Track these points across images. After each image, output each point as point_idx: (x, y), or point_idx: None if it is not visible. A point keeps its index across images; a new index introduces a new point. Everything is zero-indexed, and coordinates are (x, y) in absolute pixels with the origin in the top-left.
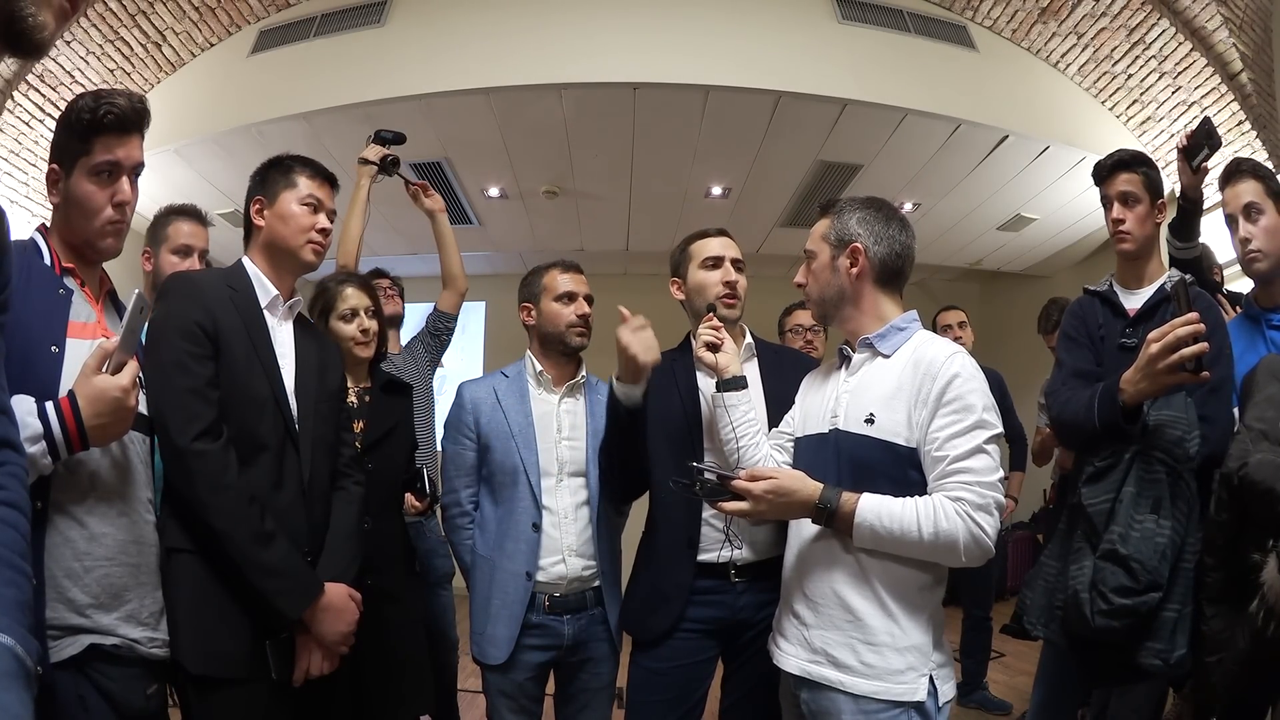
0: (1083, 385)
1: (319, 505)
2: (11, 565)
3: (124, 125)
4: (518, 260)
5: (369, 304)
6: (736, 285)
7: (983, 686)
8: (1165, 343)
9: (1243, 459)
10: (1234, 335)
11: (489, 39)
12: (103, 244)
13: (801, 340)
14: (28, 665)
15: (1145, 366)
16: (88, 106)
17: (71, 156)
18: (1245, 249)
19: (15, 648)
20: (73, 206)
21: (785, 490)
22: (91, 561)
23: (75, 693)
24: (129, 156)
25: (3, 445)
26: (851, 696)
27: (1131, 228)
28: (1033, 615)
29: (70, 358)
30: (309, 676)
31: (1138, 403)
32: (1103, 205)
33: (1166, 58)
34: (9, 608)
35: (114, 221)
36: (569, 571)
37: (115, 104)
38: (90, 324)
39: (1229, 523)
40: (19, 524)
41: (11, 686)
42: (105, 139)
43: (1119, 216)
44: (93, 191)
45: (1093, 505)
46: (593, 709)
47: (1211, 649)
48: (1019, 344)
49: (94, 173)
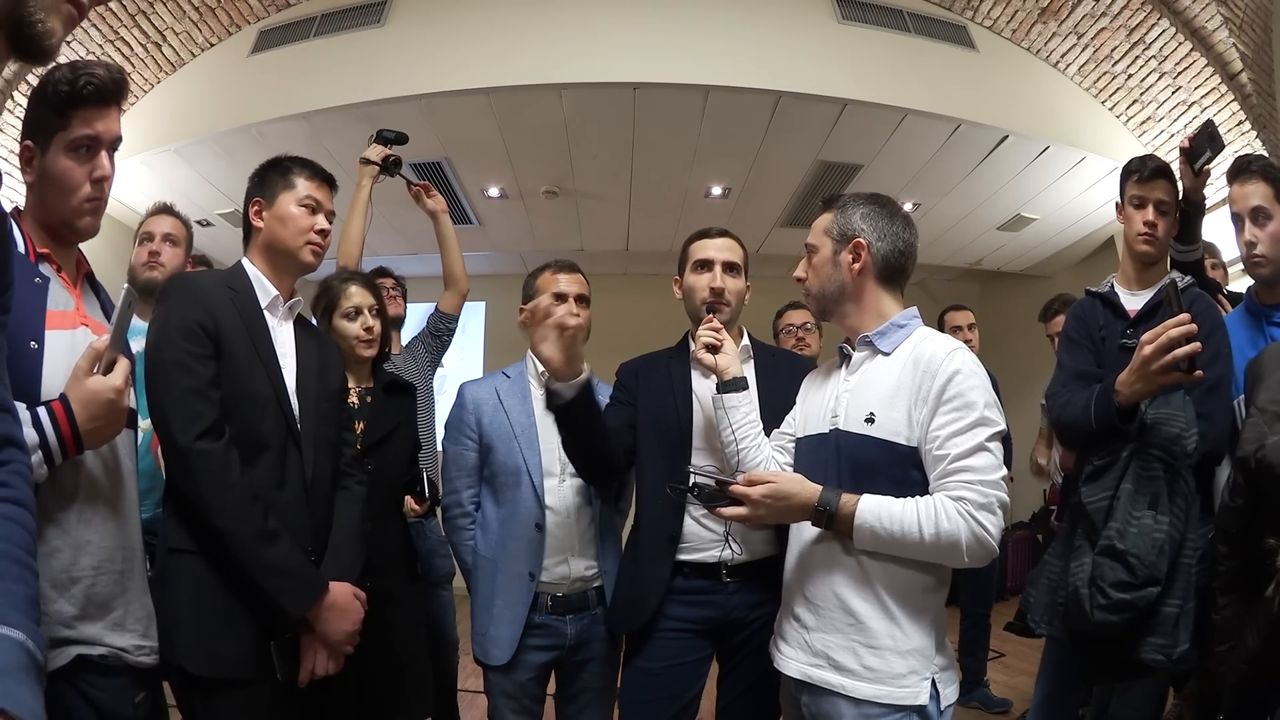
0: (1082, 387)
1: (322, 505)
2: (19, 562)
3: (103, 97)
4: (518, 260)
5: (373, 303)
6: (723, 292)
7: (983, 685)
8: (1158, 344)
9: (1259, 441)
10: (1235, 331)
11: (489, 39)
12: (81, 223)
13: (794, 340)
14: (38, 660)
15: (1139, 368)
16: (65, 78)
17: (48, 132)
18: (1250, 252)
19: (26, 642)
20: (49, 184)
21: (783, 494)
22: (78, 572)
23: (62, 704)
24: (108, 130)
25: (7, 443)
26: (853, 700)
27: (1162, 234)
28: (1036, 613)
29: (51, 352)
30: (314, 677)
31: (1133, 403)
32: (1129, 204)
33: (1166, 58)
34: (18, 603)
35: (92, 199)
36: (571, 571)
37: (94, 75)
38: (69, 312)
39: (1243, 508)
40: (25, 521)
41: (24, 680)
42: (84, 112)
43: (1154, 220)
44: (70, 168)
45: (1091, 503)
46: (594, 709)
47: (1222, 638)
48: (1019, 344)
49: (72, 148)
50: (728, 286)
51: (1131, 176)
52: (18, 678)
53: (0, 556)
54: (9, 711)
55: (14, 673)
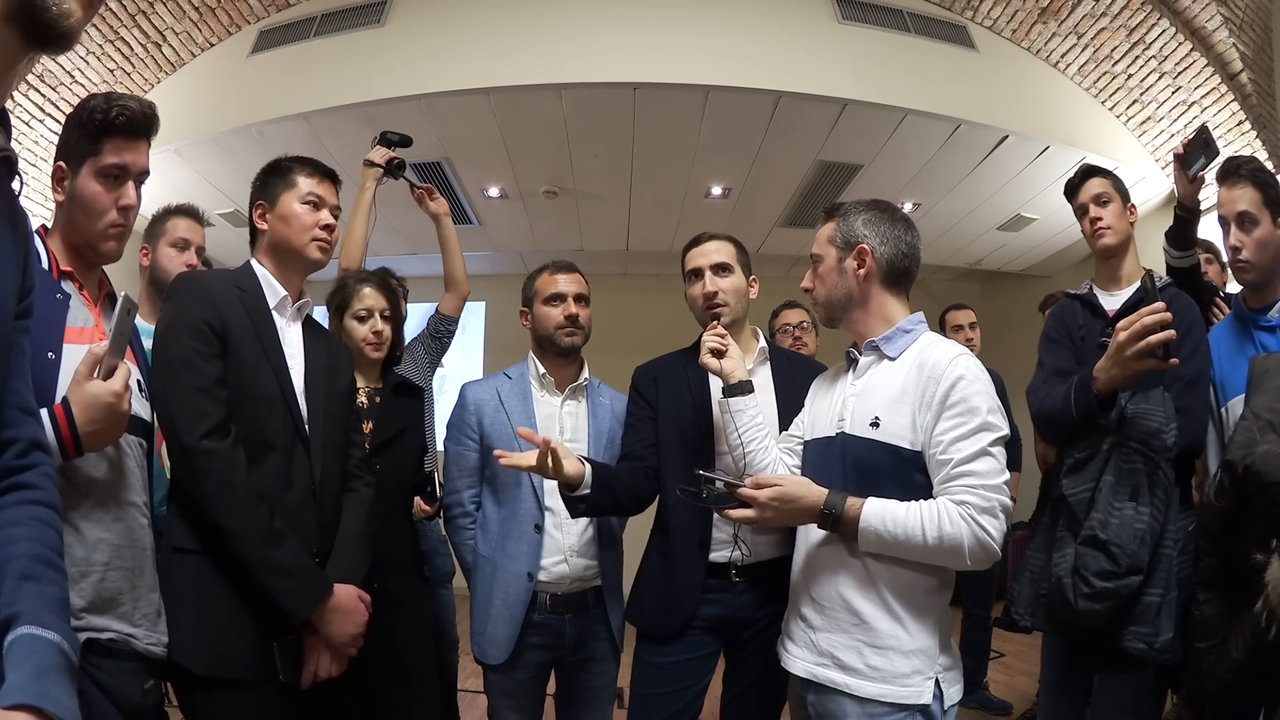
0: (1061, 382)
1: (330, 506)
2: (51, 564)
3: (134, 129)
4: (518, 260)
5: (384, 306)
6: (716, 296)
7: (983, 686)
8: (1133, 330)
9: (1249, 448)
10: (1224, 337)
11: (489, 39)
12: (104, 246)
13: (791, 339)
14: (71, 660)
15: (1115, 354)
16: (100, 107)
17: (80, 155)
18: (1235, 257)
19: (61, 643)
20: (77, 206)
21: (790, 497)
22: (88, 567)
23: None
24: (136, 162)
25: (34, 447)
26: (857, 699)
27: (1110, 221)
28: (1020, 606)
29: (67, 364)
30: (317, 679)
31: (1111, 390)
32: (1077, 215)
33: (1166, 58)
34: (53, 605)
35: (117, 225)
36: (571, 571)
37: (127, 107)
38: (88, 329)
39: (1226, 509)
40: (55, 523)
41: (60, 680)
42: (115, 141)
43: (1096, 215)
44: (99, 193)
45: (1073, 495)
46: (594, 708)
47: (1202, 635)
48: (1019, 344)
49: (101, 174)
50: (720, 287)
51: (1069, 197)
52: (54, 678)
53: (34, 559)
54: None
55: (51, 673)
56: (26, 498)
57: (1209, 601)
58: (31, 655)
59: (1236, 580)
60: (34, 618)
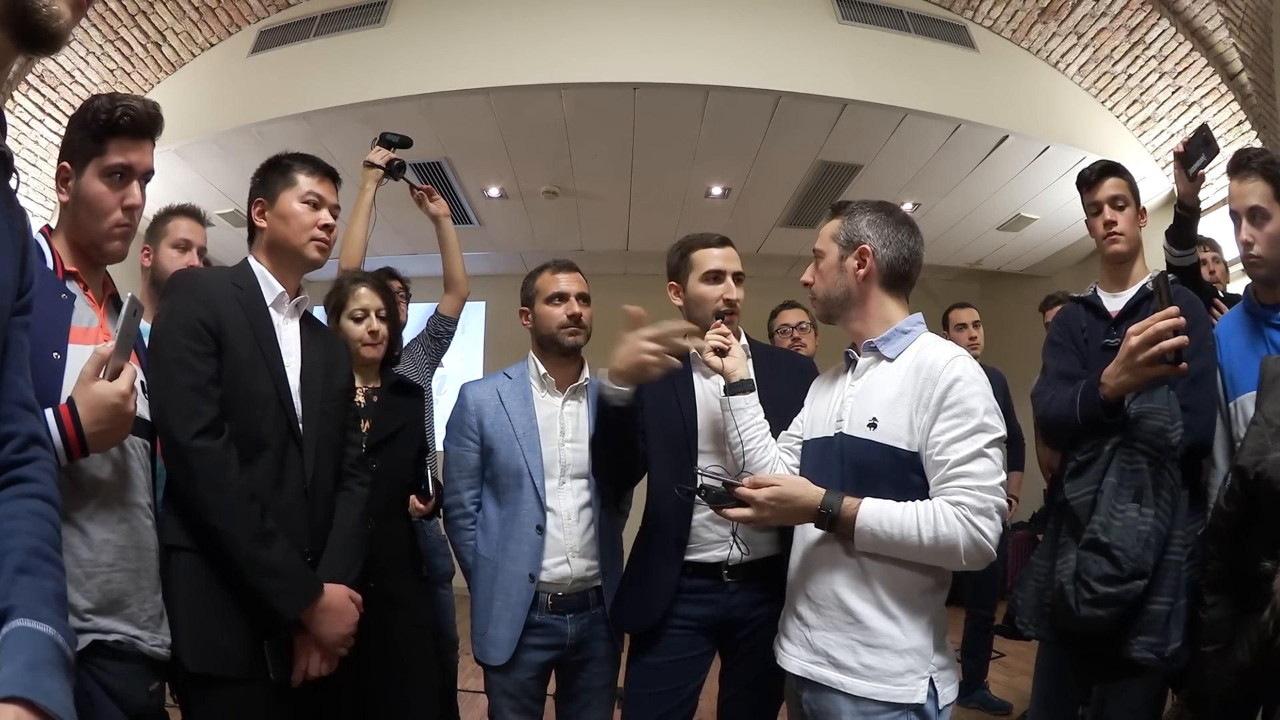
0: (1066, 386)
1: (322, 505)
2: (49, 559)
3: (138, 129)
4: (518, 260)
5: (380, 305)
6: (736, 303)
7: (983, 686)
8: (1145, 336)
9: (1260, 454)
10: (1234, 332)
11: (489, 39)
12: (109, 246)
13: (790, 339)
14: (68, 655)
15: (1126, 359)
16: (104, 107)
17: (84, 156)
18: (1246, 252)
19: (56, 637)
20: (82, 206)
21: (787, 497)
22: (93, 568)
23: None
24: (141, 162)
25: (34, 442)
26: (851, 698)
27: (1124, 227)
28: (1024, 615)
29: (72, 364)
30: (307, 678)
31: (1119, 396)
32: (1089, 211)
33: (1166, 58)
34: (49, 600)
35: (121, 224)
36: (572, 572)
37: (132, 107)
38: (92, 329)
39: (1236, 514)
40: (53, 517)
41: (54, 674)
42: (119, 141)
43: (1111, 218)
44: (103, 192)
45: (1075, 499)
46: (594, 708)
47: (1208, 639)
48: (1019, 344)
49: (106, 174)
50: (740, 296)
51: (1082, 189)
52: (49, 672)
53: (31, 553)
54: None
55: (45, 667)
56: (24, 491)
57: (1216, 605)
58: (25, 648)
59: (1244, 584)
60: (29, 611)
